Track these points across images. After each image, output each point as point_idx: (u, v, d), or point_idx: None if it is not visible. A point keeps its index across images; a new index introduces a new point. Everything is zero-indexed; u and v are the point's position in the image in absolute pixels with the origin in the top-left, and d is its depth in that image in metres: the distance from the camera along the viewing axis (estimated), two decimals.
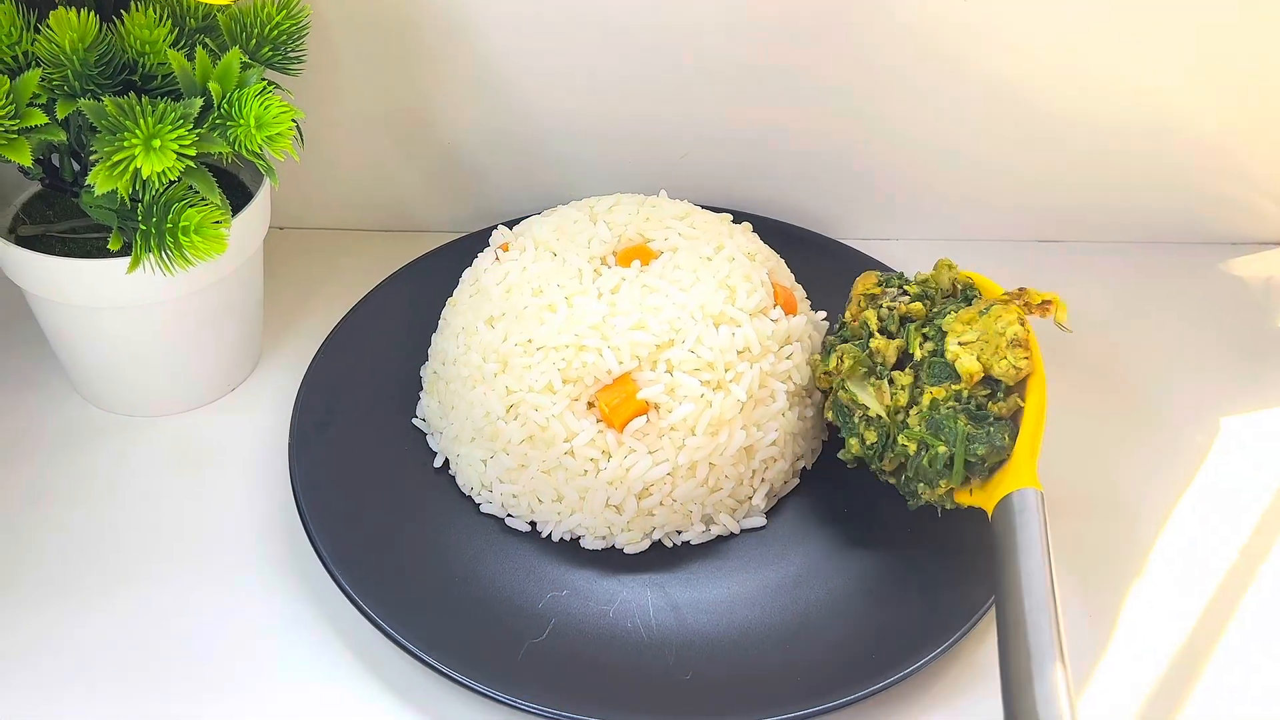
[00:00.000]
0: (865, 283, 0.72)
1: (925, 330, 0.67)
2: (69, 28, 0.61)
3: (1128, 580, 0.68)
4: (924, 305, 0.69)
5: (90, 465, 0.72)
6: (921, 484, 0.65)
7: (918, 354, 0.66)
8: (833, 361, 0.68)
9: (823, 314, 0.76)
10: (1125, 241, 0.89)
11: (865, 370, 0.67)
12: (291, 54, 0.68)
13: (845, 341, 0.70)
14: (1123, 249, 0.89)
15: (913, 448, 0.64)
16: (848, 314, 0.72)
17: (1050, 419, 0.77)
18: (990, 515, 0.61)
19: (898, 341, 0.67)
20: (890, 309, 0.69)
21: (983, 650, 0.64)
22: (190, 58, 0.62)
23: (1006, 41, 0.78)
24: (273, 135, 0.62)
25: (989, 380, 0.64)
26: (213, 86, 0.62)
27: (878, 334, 0.68)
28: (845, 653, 0.62)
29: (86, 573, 0.66)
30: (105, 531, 0.68)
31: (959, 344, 0.65)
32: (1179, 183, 0.86)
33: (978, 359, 0.64)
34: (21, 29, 0.63)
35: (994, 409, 0.64)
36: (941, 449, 0.63)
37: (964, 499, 0.64)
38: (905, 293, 0.70)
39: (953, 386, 0.64)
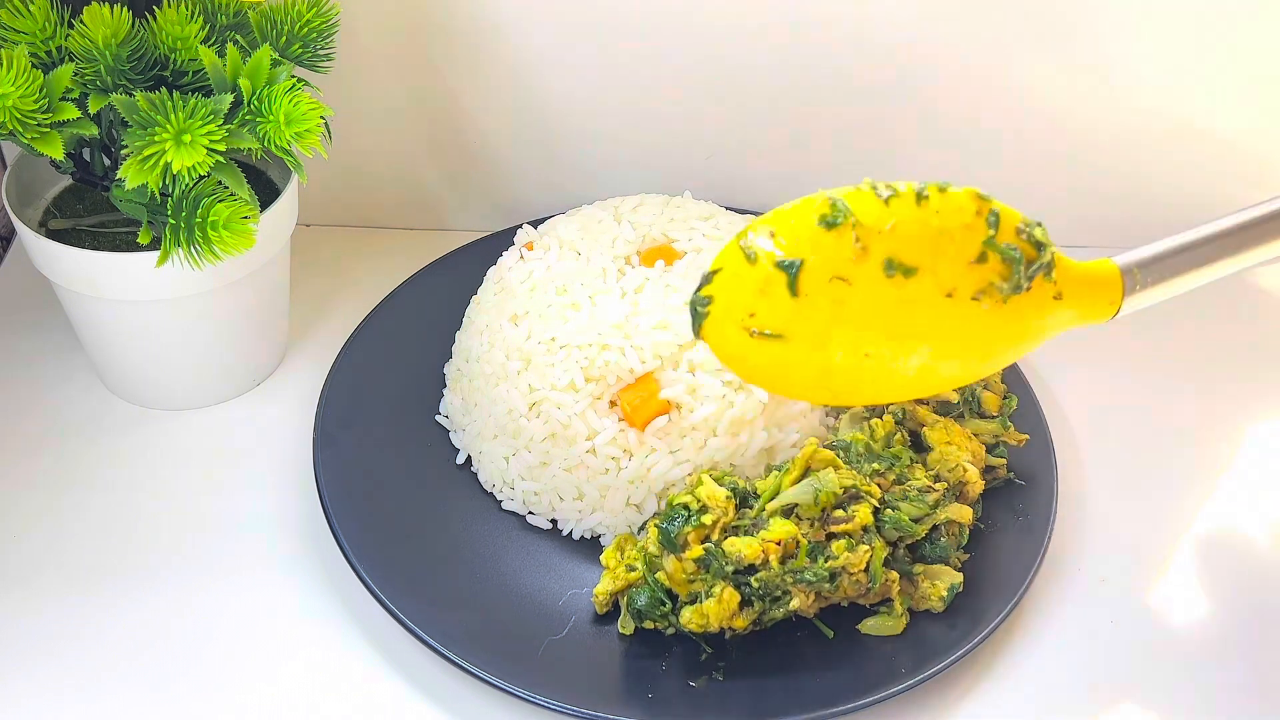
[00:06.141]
0: None
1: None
2: (102, 23, 0.62)
3: (1151, 583, 0.68)
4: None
5: (115, 458, 0.72)
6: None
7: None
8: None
9: None
10: None
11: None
12: (321, 51, 0.69)
13: None
14: None
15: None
16: None
17: (1075, 425, 0.77)
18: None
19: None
20: None
21: (1006, 649, 0.64)
22: (221, 54, 0.63)
23: (1032, 46, 0.78)
24: (301, 132, 0.62)
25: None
26: (243, 83, 0.62)
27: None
28: (868, 652, 0.62)
29: (110, 565, 0.67)
30: (129, 525, 0.69)
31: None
32: (1205, 189, 0.86)
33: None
34: (55, 24, 0.64)
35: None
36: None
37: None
38: None
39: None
